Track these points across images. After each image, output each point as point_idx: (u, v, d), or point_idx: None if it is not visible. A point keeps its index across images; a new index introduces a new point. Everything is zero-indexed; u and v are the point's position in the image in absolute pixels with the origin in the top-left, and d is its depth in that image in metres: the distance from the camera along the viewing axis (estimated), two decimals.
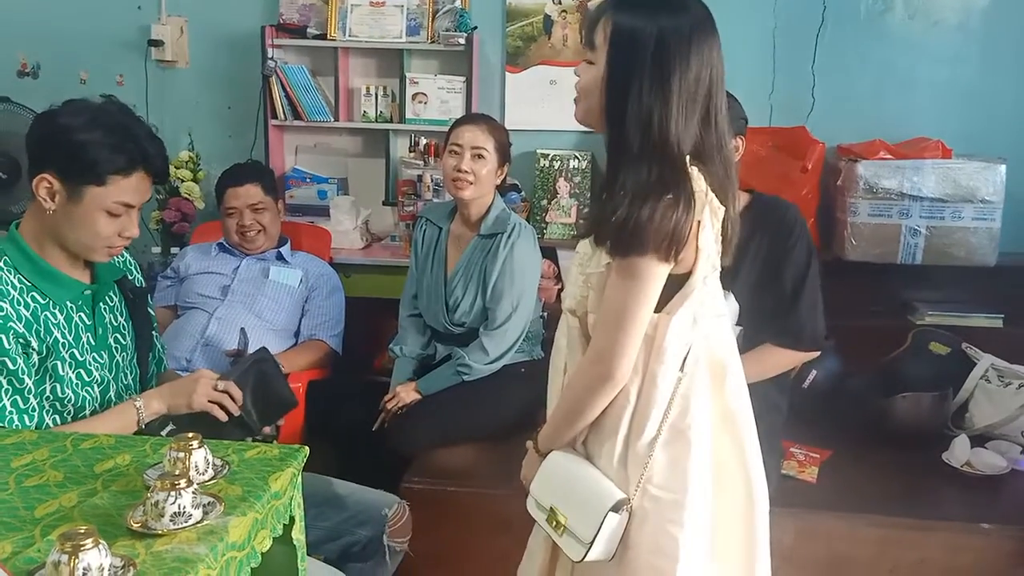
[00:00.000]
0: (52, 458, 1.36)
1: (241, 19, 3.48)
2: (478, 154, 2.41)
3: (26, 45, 3.62)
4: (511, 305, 2.40)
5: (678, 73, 1.30)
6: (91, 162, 1.52)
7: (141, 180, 1.58)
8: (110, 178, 1.54)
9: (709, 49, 1.34)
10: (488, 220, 2.47)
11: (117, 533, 1.12)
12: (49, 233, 1.58)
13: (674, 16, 1.33)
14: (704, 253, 1.36)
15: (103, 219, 1.56)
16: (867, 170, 2.96)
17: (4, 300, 1.51)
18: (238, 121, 3.59)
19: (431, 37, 3.33)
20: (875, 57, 3.27)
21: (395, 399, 2.43)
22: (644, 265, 1.31)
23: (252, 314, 2.66)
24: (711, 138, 1.36)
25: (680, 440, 1.36)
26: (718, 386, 1.41)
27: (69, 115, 1.55)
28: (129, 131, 1.56)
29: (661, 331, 1.36)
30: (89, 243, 1.58)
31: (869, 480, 2.29)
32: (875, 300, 3.09)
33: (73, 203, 1.54)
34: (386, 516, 1.87)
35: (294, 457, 1.38)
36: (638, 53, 1.31)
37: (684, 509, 1.35)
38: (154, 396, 1.67)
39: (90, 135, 1.52)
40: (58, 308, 1.59)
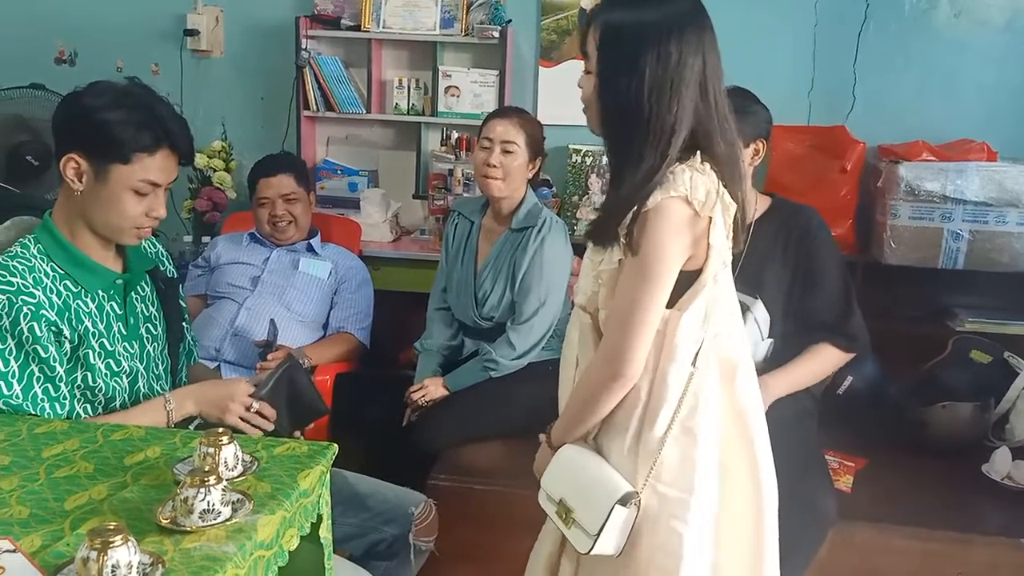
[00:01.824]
0: (83, 449, 1.35)
1: (276, 9, 3.48)
2: (507, 149, 2.38)
3: (64, 33, 3.65)
4: (538, 300, 2.37)
5: (665, 63, 1.31)
6: (116, 140, 1.52)
7: (166, 158, 1.58)
8: (135, 156, 1.54)
9: (698, 34, 1.33)
10: (519, 214, 2.44)
11: (146, 528, 1.12)
12: (79, 216, 1.58)
13: (657, 9, 1.33)
14: (715, 250, 1.36)
15: (130, 198, 1.56)
16: (909, 172, 2.89)
17: (37, 288, 1.51)
18: (271, 111, 3.59)
19: (465, 30, 3.31)
20: (919, 56, 3.19)
21: (422, 390, 2.41)
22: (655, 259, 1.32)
23: (281, 305, 2.66)
24: (713, 120, 1.35)
25: (688, 438, 1.36)
26: (728, 384, 1.40)
27: (93, 95, 1.55)
28: (152, 110, 1.56)
29: (672, 327, 1.36)
30: (117, 224, 1.58)
31: (906, 491, 2.24)
32: (914, 305, 3.03)
33: (100, 182, 1.54)
34: (412, 515, 1.85)
35: (323, 455, 1.37)
36: (624, 50, 1.33)
37: (690, 507, 1.35)
38: (187, 399, 1.65)
39: (114, 114, 1.52)
40: (90, 297, 1.59)
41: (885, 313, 2.95)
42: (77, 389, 1.57)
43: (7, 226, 1.67)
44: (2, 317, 1.47)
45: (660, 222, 1.31)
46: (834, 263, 2.04)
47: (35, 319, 1.49)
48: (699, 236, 1.34)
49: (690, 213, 1.32)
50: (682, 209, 1.32)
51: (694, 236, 1.34)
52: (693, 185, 1.31)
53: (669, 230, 1.31)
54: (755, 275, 1.98)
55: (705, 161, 1.34)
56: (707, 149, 1.35)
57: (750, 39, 3.22)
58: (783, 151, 3.07)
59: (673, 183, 1.31)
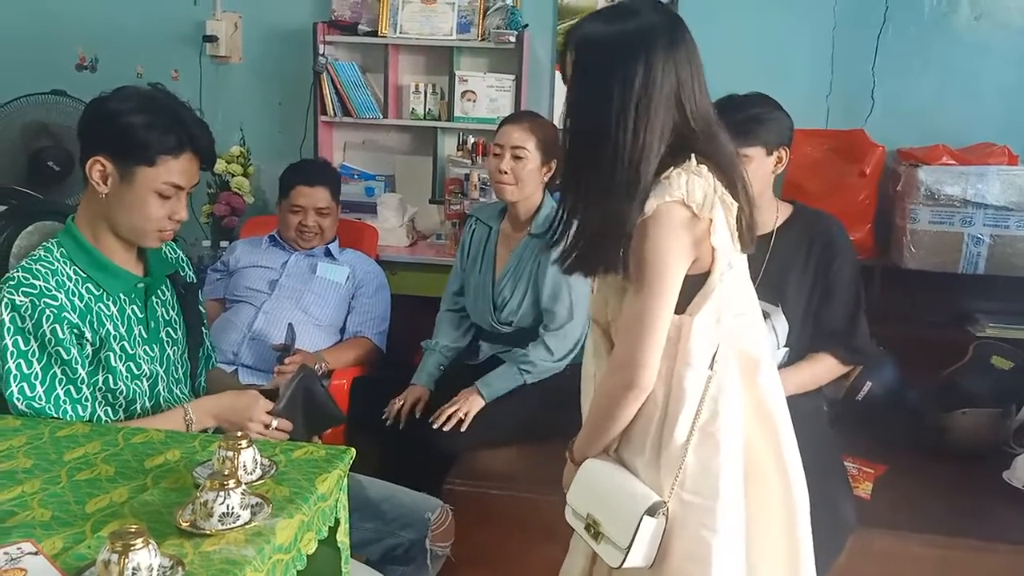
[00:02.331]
0: (104, 452, 1.37)
1: (294, 15, 3.50)
2: (517, 154, 2.37)
3: (85, 39, 3.69)
4: (570, 304, 2.36)
5: (632, 83, 1.29)
6: (142, 143, 1.55)
7: (189, 162, 1.61)
8: (160, 158, 1.56)
9: (667, 51, 1.31)
10: (539, 219, 2.43)
11: (166, 531, 1.13)
12: (103, 219, 1.61)
13: (624, 23, 1.32)
14: (720, 252, 1.35)
15: (154, 201, 1.58)
16: (928, 176, 2.87)
17: (60, 291, 1.53)
18: (288, 117, 3.61)
19: (481, 35, 3.32)
20: (939, 59, 3.17)
21: (457, 405, 2.34)
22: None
23: (299, 309, 2.67)
24: (693, 132, 1.34)
25: (710, 443, 1.35)
26: (750, 381, 1.39)
27: (119, 100, 1.58)
28: (176, 114, 1.60)
29: (685, 332, 1.35)
30: (141, 226, 1.60)
31: (925, 498, 2.22)
32: (934, 310, 3.00)
33: (125, 184, 1.57)
34: (429, 520, 1.85)
35: (340, 459, 1.38)
36: (592, 70, 1.32)
37: (716, 513, 1.34)
38: (207, 414, 1.66)
39: (139, 117, 1.55)
40: (111, 300, 1.61)
41: (905, 318, 2.93)
42: (99, 392, 1.58)
43: (30, 231, 1.69)
44: (25, 319, 1.49)
45: (658, 228, 1.30)
46: (850, 274, 2.01)
47: (57, 321, 1.50)
48: (700, 238, 1.33)
49: (688, 216, 1.31)
50: (680, 212, 1.31)
51: (695, 238, 1.33)
52: (689, 188, 1.30)
53: (668, 235, 1.31)
54: (777, 283, 1.95)
55: (701, 163, 1.33)
56: (700, 151, 1.34)
57: (768, 42, 3.21)
58: (801, 155, 3.05)
59: (669, 187, 1.30)
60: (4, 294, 1.49)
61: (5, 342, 1.48)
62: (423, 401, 2.46)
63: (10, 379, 1.48)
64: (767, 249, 1.92)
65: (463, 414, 2.31)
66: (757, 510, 1.39)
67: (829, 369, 2.03)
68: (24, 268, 1.53)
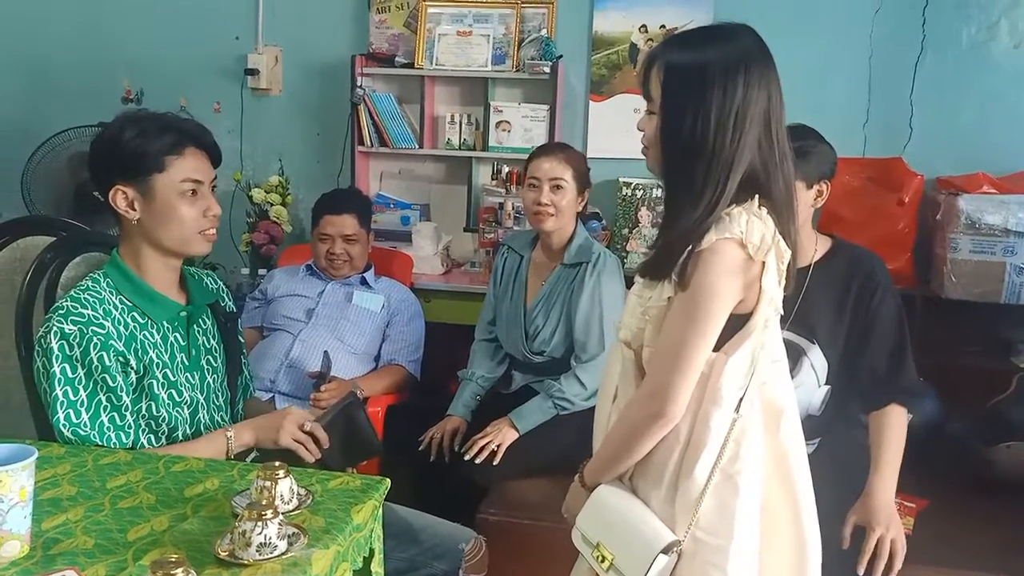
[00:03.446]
0: (145, 480, 1.39)
1: (333, 49, 3.58)
2: (556, 185, 2.40)
3: (131, 72, 3.80)
4: (601, 335, 2.36)
5: (732, 96, 1.30)
6: (144, 153, 1.61)
7: (195, 156, 1.66)
8: (166, 160, 1.62)
9: (762, 69, 1.33)
10: (571, 249, 2.45)
11: (205, 561, 1.14)
12: (144, 245, 1.65)
13: (721, 46, 1.33)
14: (767, 295, 1.34)
15: (182, 203, 1.63)
16: (969, 204, 2.83)
17: (107, 319, 1.57)
18: (326, 147, 3.68)
19: (516, 66, 3.36)
20: (978, 87, 3.14)
21: (490, 436, 2.34)
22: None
23: (335, 337, 2.70)
24: (773, 155, 1.35)
25: (730, 485, 1.33)
26: (772, 429, 1.38)
27: (110, 127, 1.65)
28: (162, 118, 1.66)
29: (717, 371, 1.34)
30: (181, 233, 1.65)
31: (969, 533, 2.16)
32: (976, 341, 2.94)
33: (150, 200, 1.62)
34: (463, 551, 1.85)
35: (376, 489, 1.39)
36: (690, 88, 1.32)
37: (728, 554, 1.32)
38: (245, 429, 1.70)
39: (130, 131, 1.62)
40: (155, 328, 1.65)
41: (946, 349, 2.88)
42: (142, 419, 1.61)
43: (77, 262, 1.74)
44: (73, 347, 1.52)
45: (713, 262, 1.30)
46: (892, 312, 1.94)
47: (104, 349, 1.54)
48: (751, 280, 1.33)
49: (744, 256, 1.31)
50: (736, 252, 1.31)
51: (746, 280, 1.33)
52: (749, 229, 1.30)
53: (722, 271, 1.30)
54: (813, 319, 1.92)
55: (762, 206, 1.34)
56: (765, 190, 1.34)
57: (804, 70, 3.20)
58: (839, 184, 2.99)
59: (729, 225, 1.30)
60: (53, 323, 1.53)
61: (53, 369, 1.52)
62: (460, 432, 2.46)
63: (57, 406, 1.51)
64: (803, 283, 1.89)
65: (495, 445, 2.31)
66: (768, 555, 1.37)
67: (903, 420, 1.92)
68: (72, 298, 1.57)
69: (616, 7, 3.38)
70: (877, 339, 1.94)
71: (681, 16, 3.30)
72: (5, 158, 3.55)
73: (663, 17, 3.33)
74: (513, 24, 3.38)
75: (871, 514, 1.80)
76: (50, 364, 1.52)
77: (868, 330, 1.94)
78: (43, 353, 1.53)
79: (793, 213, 1.39)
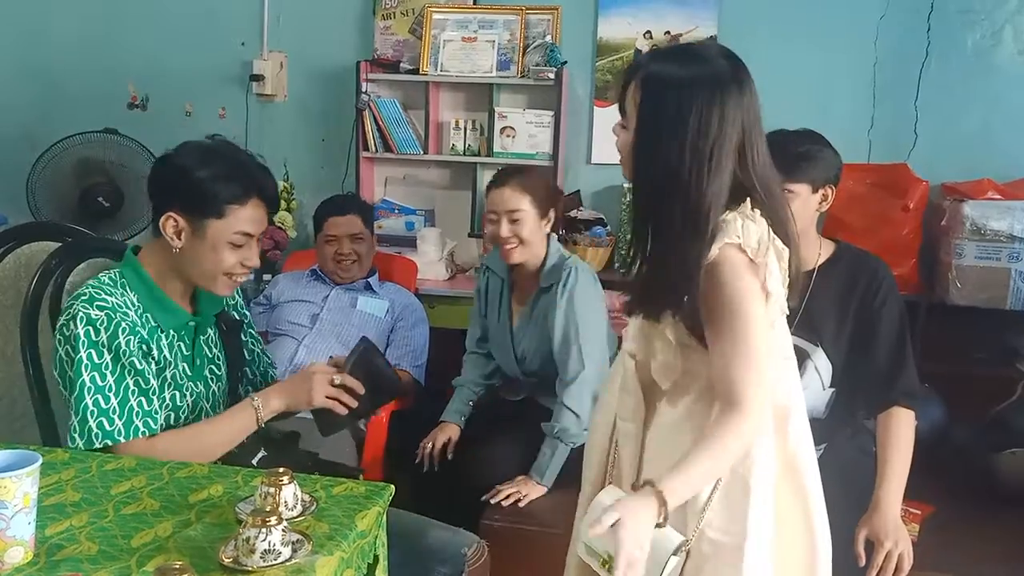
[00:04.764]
0: (149, 486, 1.39)
1: (338, 54, 3.59)
2: (513, 218, 2.31)
3: (136, 78, 3.82)
4: (580, 354, 2.29)
5: (707, 129, 1.29)
6: (210, 195, 1.59)
7: (256, 208, 1.65)
8: (228, 208, 1.61)
9: (737, 99, 1.31)
10: (545, 272, 2.37)
11: (209, 567, 1.14)
12: (174, 269, 1.65)
13: (698, 69, 1.32)
14: (773, 297, 1.34)
15: (227, 251, 1.63)
16: (974, 210, 2.83)
17: (129, 309, 1.58)
18: (331, 153, 3.68)
19: (521, 72, 3.36)
20: (983, 93, 3.14)
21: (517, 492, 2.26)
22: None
23: (339, 343, 2.70)
24: (753, 184, 1.34)
25: (739, 484, 1.34)
26: (781, 431, 1.38)
27: (184, 156, 1.63)
28: (240, 162, 1.65)
29: None
30: (212, 273, 1.65)
31: (974, 540, 2.15)
32: (981, 347, 2.93)
33: (198, 238, 1.61)
34: (465, 555, 1.84)
35: (380, 495, 1.39)
36: (664, 113, 1.31)
37: (744, 553, 1.33)
38: (272, 394, 1.69)
39: (205, 171, 1.60)
40: (164, 334, 1.65)
41: (950, 355, 2.87)
42: (164, 408, 1.62)
43: (82, 268, 1.74)
44: (100, 332, 1.52)
45: (726, 267, 1.30)
46: (895, 314, 1.94)
47: (132, 334, 1.55)
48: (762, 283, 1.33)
49: (745, 260, 1.31)
50: (738, 255, 1.31)
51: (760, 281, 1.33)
52: (745, 232, 1.31)
53: (737, 274, 1.30)
54: (817, 322, 1.92)
55: (755, 207, 1.34)
56: (755, 202, 1.35)
57: (809, 76, 3.21)
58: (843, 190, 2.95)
59: (725, 231, 1.31)
60: (78, 308, 1.53)
61: (80, 355, 1.51)
62: (453, 440, 2.44)
63: (84, 392, 1.51)
64: (807, 287, 1.88)
65: (520, 496, 2.26)
66: (780, 555, 1.37)
67: (909, 424, 1.90)
68: (94, 286, 1.57)
69: (621, 13, 3.38)
70: (880, 341, 1.93)
71: (686, 22, 3.30)
72: (11, 163, 3.57)
73: (668, 23, 3.34)
74: (518, 30, 3.39)
75: (878, 528, 1.80)
76: (76, 350, 1.51)
77: (871, 332, 1.93)
78: (67, 340, 1.52)
79: (784, 215, 1.38)
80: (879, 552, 1.78)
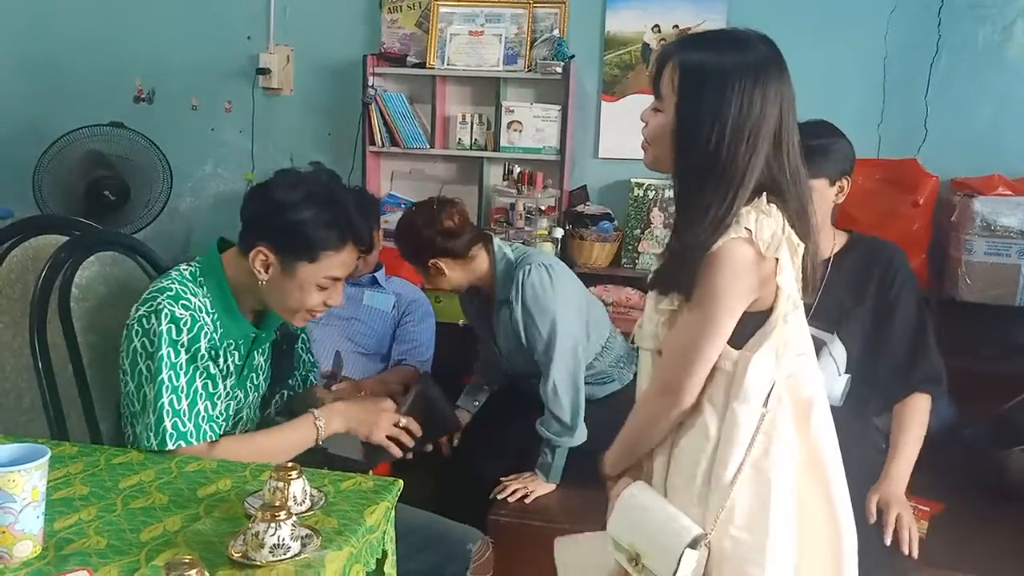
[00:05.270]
0: (158, 480, 1.39)
1: (344, 48, 3.58)
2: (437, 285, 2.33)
3: (143, 72, 3.82)
4: (549, 358, 2.23)
5: (748, 111, 1.29)
6: (306, 241, 1.55)
7: (350, 254, 1.61)
8: (323, 255, 1.57)
9: (778, 84, 1.32)
10: (497, 286, 2.33)
11: (218, 562, 1.14)
12: (254, 294, 1.62)
13: (740, 54, 1.32)
14: (784, 291, 1.34)
15: (313, 292, 1.60)
16: (984, 206, 2.82)
17: (206, 315, 1.57)
18: (337, 147, 3.68)
19: (528, 66, 3.35)
20: (994, 88, 3.12)
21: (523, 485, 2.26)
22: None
23: (345, 337, 2.69)
24: (784, 173, 1.34)
25: (762, 480, 1.33)
26: (802, 424, 1.37)
27: (283, 190, 1.57)
28: (341, 205, 1.58)
29: (742, 368, 1.34)
30: (294, 308, 1.62)
31: (983, 537, 2.14)
32: (991, 344, 2.92)
33: (287, 276, 1.58)
34: (471, 551, 1.84)
35: (388, 491, 1.38)
36: (706, 94, 1.31)
37: (766, 551, 1.32)
38: (335, 417, 1.67)
39: (305, 213, 1.54)
40: (225, 341, 1.63)
41: (960, 352, 2.84)
42: (228, 412, 1.63)
43: (91, 261, 1.73)
44: (182, 332, 1.51)
45: (722, 264, 1.30)
46: (912, 299, 1.95)
47: (208, 339, 1.55)
48: (766, 277, 1.33)
49: (754, 254, 1.31)
50: (746, 251, 1.30)
51: (760, 278, 1.32)
52: (759, 226, 1.30)
53: (730, 272, 1.30)
54: (833, 311, 1.92)
55: (771, 203, 1.33)
56: (777, 194, 1.34)
57: (819, 71, 3.18)
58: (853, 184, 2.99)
59: (737, 225, 1.30)
60: (164, 304, 1.51)
61: (162, 352, 1.50)
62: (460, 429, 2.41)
63: (162, 389, 1.49)
64: (823, 276, 1.87)
65: (527, 492, 2.26)
66: (805, 550, 1.36)
67: (924, 409, 1.93)
68: (179, 281, 1.56)
69: (629, 7, 3.37)
70: (897, 328, 1.93)
71: (694, 16, 3.29)
72: (17, 156, 3.57)
73: (676, 17, 3.32)
74: (525, 24, 3.38)
75: (888, 496, 1.87)
76: (156, 345, 1.49)
77: (888, 319, 1.93)
78: (145, 333, 1.50)
79: (805, 207, 1.37)
80: (890, 512, 1.85)
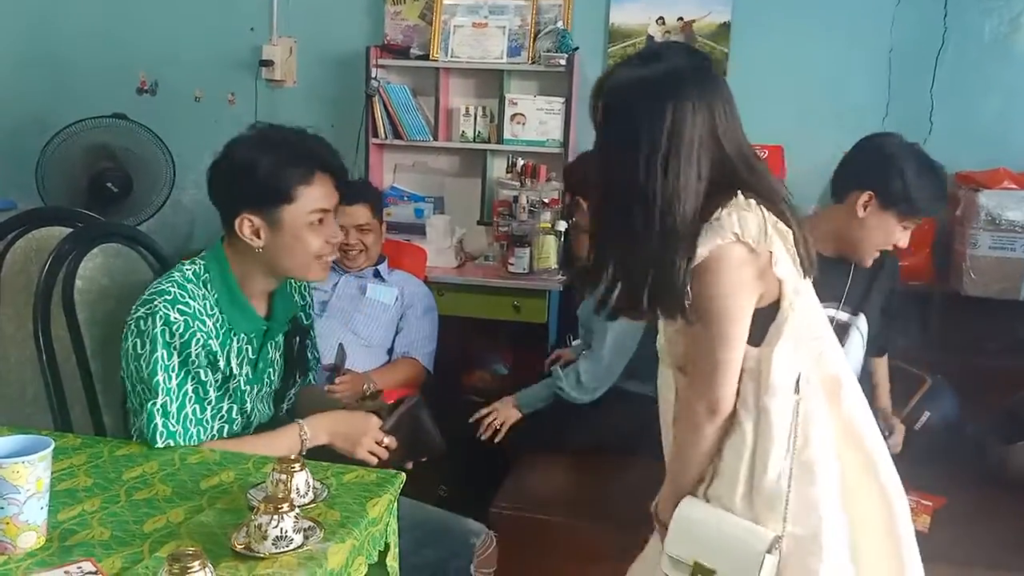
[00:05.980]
0: (161, 472, 1.40)
1: (348, 40, 3.57)
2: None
3: (146, 63, 3.80)
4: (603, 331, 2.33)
5: (662, 122, 1.28)
6: (277, 185, 1.55)
7: (323, 182, 1.61)
8: (297, 190, 1.57)
9: (700, 88, 1.30)
10: None
11: (221, 553, 1.14)
12: (258, 268, 1.62)
13: (648, 68, 1.32)
14: (787, 282, 1.35)
15: (310, 233, 1.60)
16: (989, 200, 2.81)
17: (209, 319, 1.57)
18: (340, 139, 3.61)
19: (532, 58, 3.34)
20: (1000, 81, 3.10)
21: (493, 414, 2.41)
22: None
23: (348, 330, 2.69)
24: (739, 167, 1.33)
25: (806, 473, 1.35)
26: (834, 402, 1.39)
27: (236, 153, 1.58)
28: (292, 142, 1.60)
29: (765, 365, 1.35)
30: (303, 261, 1.61)
31: (986, 532, 2.14)
32: (995, 338, 2.91)
33: (277, 230, 1.58)
34: (474, 545, 1.84)
35: (391, 483, 1.39)
36: (620, 114, 1.31)
37: (822, 542, 1.34)
38: (321, 431, 1.66)
39: (264, 162, 1.55)
40: (236, 337, 1.63)
41: (964, 346, 2.86)
42: (219, 418, 1.61)
43: (94, 253, 1.73)
44: (175, 336, 1.51)
45: (717, 271, 1.30)
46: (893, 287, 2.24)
47: (203, 346, 1.54)
48: (763, 271, 1.33)
49: (746, 253, 1.31)
50: (738, 251, 1.30)
51: (758, 273, 1.33)
52: (743, 225, 1.30)
53: (728, 275, 1.31)
54: (860, 300, 2.13)
55: (749, 198, 1.32)
56: (748, 189, 1.33)
57: (824, 63, 3.18)
58: None
59: (721, 229, 1.29)
60: (159, 307, 1.51)
61: (157, 353, 1.50)
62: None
63: (159, 390, 1.50)
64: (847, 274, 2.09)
65: (498, 424, 2.36)
66: (860, 525, 1.39)
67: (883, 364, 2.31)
68: (179, 283, 1.56)
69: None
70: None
71: (699, 7, 3.27)
72: (21, 148, 3.57)
73: (681, 9, 3.31)
74: (529, 16, 3.37)
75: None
76: (153, 347, 1.50)
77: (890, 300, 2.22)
78: (140, 333, 1.51)
79: (781, 196, 1.37)
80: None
